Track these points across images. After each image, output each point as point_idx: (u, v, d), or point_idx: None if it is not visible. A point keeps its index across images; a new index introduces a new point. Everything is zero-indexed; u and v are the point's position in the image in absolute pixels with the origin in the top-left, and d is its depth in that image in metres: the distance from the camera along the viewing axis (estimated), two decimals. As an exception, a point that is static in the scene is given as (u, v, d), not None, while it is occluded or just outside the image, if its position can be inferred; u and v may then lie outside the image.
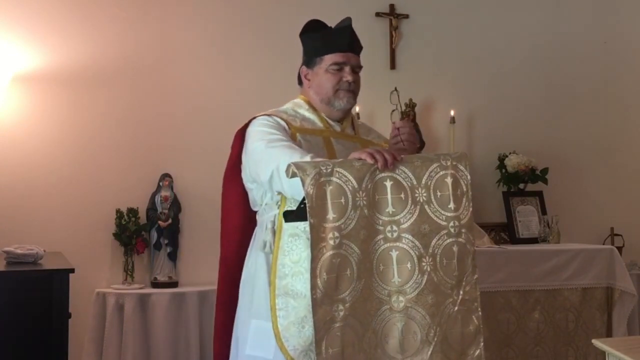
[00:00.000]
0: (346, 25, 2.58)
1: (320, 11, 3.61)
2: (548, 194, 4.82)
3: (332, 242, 2.06)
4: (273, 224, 2.35)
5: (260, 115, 2.53)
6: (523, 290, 4.08)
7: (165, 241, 4.15)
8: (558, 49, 5.07)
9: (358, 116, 4.15)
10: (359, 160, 2.16)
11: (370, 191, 2.13)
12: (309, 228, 2.05)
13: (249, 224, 2.57)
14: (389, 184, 2.16)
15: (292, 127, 2.50)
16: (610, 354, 2.12)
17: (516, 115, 4.95)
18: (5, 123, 4.02)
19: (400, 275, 2.14)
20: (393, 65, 4.76)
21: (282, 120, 2.51)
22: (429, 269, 2.15)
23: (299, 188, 2.07)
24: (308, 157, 2.19)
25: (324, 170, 2.08)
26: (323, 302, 2.05)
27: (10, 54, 4.02)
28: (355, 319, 2.10)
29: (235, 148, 2.58)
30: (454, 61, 4.88)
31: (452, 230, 2.18)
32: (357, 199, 2.10)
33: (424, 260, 2.15)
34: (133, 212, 4.13)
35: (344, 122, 2.63)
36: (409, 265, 2.14)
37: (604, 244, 4.78)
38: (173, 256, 4.17)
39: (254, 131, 2.47)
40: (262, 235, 2.42)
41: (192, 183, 4.28)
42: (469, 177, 2.22)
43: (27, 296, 2.92)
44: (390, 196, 2.15)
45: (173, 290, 4.10)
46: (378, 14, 4.74)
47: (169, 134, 4.31)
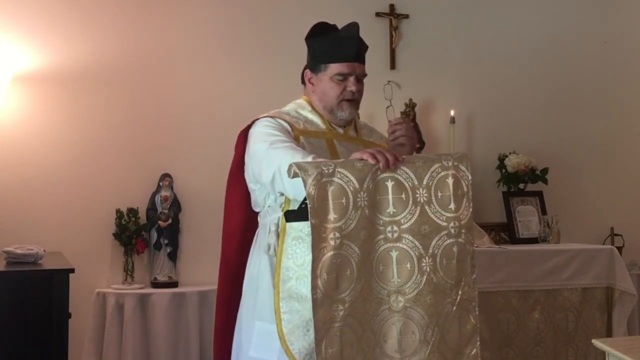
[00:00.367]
0: (353, 35, 2.54)
1: (320, 11, 3.63)
2: (548, 194, 4.82)
3: (333, 243, 2.06)
4: (277, 226, 2.35)
5: (263, 117, 2.52)
6: (523, 290, 4.07)
7: (165, 241, 4.15)
8: (558, 49, 5.06)
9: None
10: (360, 160, 2.15)
11: (372, 191, 2.13)
12: (310, 228, 2.05)
13: (251, 224, 2.57)
14: (390, 184, 2.15)
15: (296, 130, 2.49)
16: (610, 354, 2.12)
17: (516, 115, 4.95)
18: (5, 123, 4.02)
19: (400, 275, 2.15)
20: (393, 65, 4.75)
21: (285, 122, 2.50)
22: (428, 270, 2.16)
23: (301, 188, 2.07)
24: (310, 158, 2.19)
25: (325, 171, 2.08)
26: (323, 303, 2.05)
27: (10, 54, 4.02)
28: (355, 319, 2.10)
29: (239, 149, 2.57)
30: (454, 61, 4.88)
31: (452, 230, 2.18)
32: (359, 199, 2.10)
33: (424, 260, 2.15)
34: (133, 212, 4.13)
35: (347, 125, 2.63)
36: (408, 265, 2.15)
37: (604, 244, 4.78)
38: (173, 256, 4.17)
39: (256, 132, 2.47)
40: (265, 238, 2.41)
41: (192, 183, 4.28)
42: (470, 178, 2.22)
43: (27, 296, 2.92)
44: (391, 196, 2.15)
45: (173, 290, 4.10)
46: (378, 14, 4.74)
47: (169, 134, 4.31)
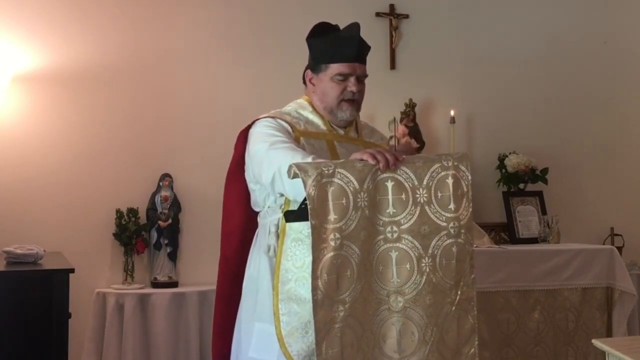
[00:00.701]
0: (354, 35, 2.54)
1: (320, 11, 3.63)
2: (548, 194, 4.81)
3: (333, 243, 2.05)
4: (277, 227, 2.34)
5: (264, 117, 2.52)
6: (523, 290, 4.07)
7: (165, 241, 4.15)
8: (558, 49, 5.06)
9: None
10: (360, 161, 2.15)
11: (372, 192, 2.13)
12: (310, 229, 2.05)
13: (251, 224, 2.57)
14: (390, 184, 2.15)
15: (296, 131, 2.49)
16: (610, 354, 2.12)
17: (516, 115, 4.95)
18: (5, 123, 4.02)
19: (399, 275, 2.15)
20: (393, 65, 4.75)
21: (286, 123, 2.49)
22: (427, 270, 2.16)
23: (301, 189, 2.07)
24: (310, 159, 2.18)
25: (325, 172, 2.08)
26: (324, 304, 2.05)
27: (10, 54, 4.02)
28: (355, 320, 2.10)
29: (239, 148, 2.57)
30: (454, 61, 4.87)
31: (452, 231, 2.18)
32: (359, 199, 2.10)
33: (423, 261, 2.16)
34: (133, 212, 4.13)
35: (348, 126, 2.62)
36: (408, 266, 2.15)
37: (604, 244, 4.78)
38: (173, 256, 4.17)
39: (256, 133, 2.47)
40: (265, 238, 2.41)
41: (192, 183, 4.27)
42: (470, 178, 2.22)
43: (27, 296, 2.92)
44: (391, 197, 2.15)
45: (173, 290, 4.10)
46: (378, 14, 4.74)
47: (169, 134, 4.31)
